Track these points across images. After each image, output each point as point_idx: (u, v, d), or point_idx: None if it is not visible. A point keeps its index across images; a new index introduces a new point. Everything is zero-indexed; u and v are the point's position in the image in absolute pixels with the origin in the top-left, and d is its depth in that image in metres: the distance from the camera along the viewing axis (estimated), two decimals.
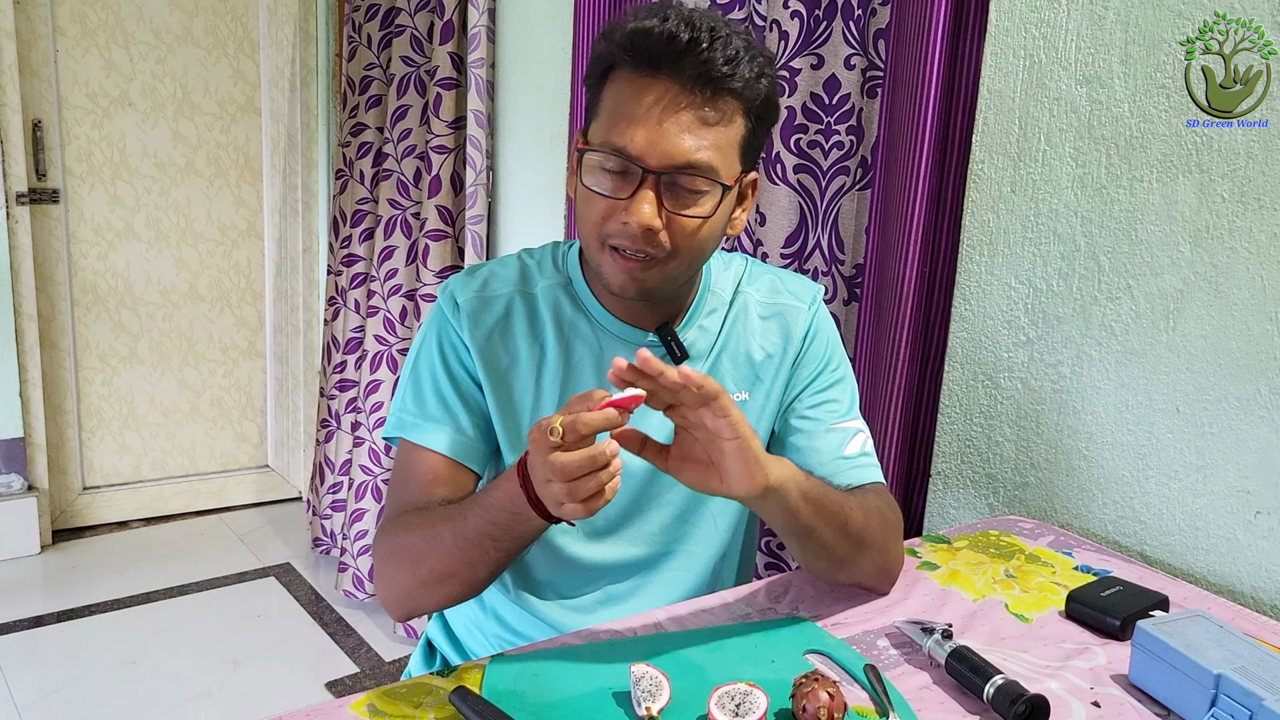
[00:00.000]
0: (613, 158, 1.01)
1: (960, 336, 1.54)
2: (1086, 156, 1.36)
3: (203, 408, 3.42)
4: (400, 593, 1.07)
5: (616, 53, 1.02)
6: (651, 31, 0.99)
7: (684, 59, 0.98)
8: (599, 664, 0.98)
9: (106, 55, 3.04)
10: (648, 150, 1.00)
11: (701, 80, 0.99)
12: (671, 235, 1.03)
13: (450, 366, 1.14)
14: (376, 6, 2.84)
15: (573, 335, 1.15)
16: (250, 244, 3.41)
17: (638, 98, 1.00)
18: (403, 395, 1.16)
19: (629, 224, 1.01)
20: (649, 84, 1.00)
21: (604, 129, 1.03)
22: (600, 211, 1.04)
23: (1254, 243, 1.20)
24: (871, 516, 1.10)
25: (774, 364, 1.20)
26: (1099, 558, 1.31)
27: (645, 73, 1.00)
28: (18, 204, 2.87)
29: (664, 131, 0.99)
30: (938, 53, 1.48)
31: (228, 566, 3.05)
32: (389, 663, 2.58)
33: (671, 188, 1.01)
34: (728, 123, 1.02)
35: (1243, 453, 1.23)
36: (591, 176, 1.04)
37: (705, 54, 0.98)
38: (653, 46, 0.99)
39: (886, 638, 1.06)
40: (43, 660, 2.54)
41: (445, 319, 1.15)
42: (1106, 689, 0.99)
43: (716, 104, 1.01)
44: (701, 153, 1.01)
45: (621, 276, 1.05)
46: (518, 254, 1.21)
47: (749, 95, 1.02)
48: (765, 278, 1.24)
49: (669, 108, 1.00)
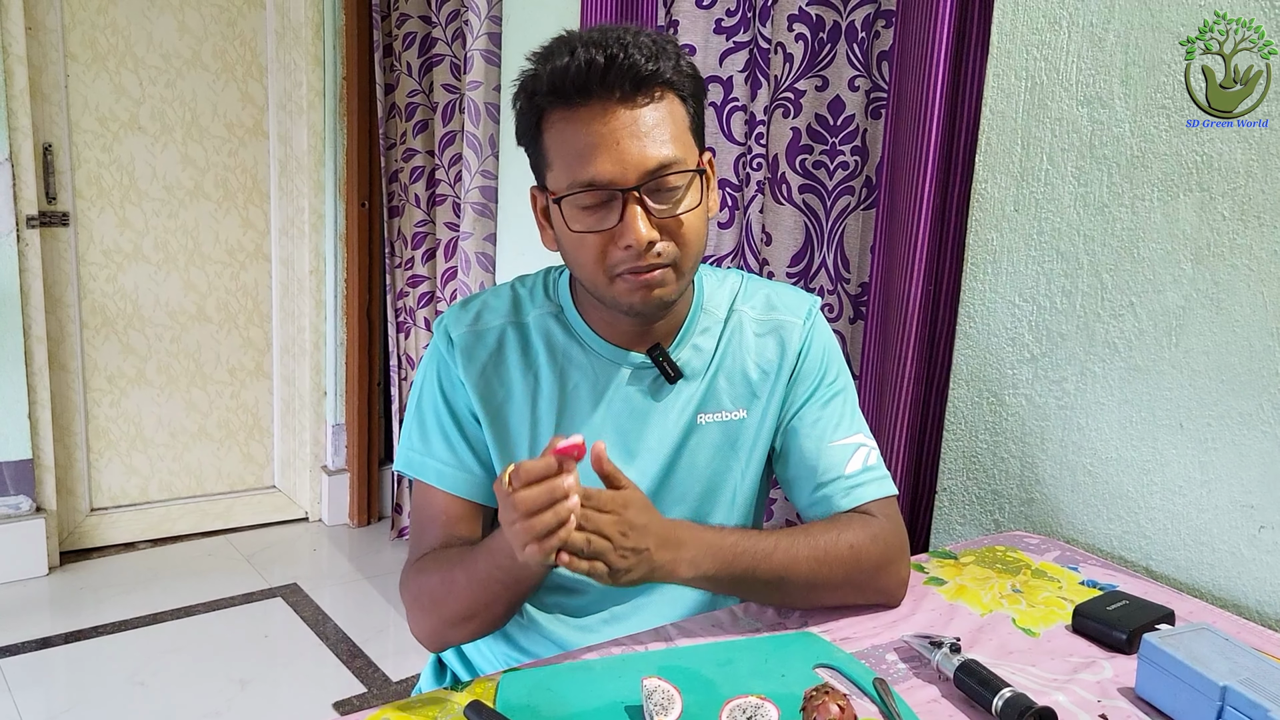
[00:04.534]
0: (588, 193, 1.03)
1: (965, 354, 1.55)
2: (1088, 175, 1.37)
3: (210, 429, 3.43)
4: (430, 631, 1.14)
5: (542, 101, 1.04)
6: (569, 68, 1.00)
7: (609, 76, 1.00)
8: (611, 678, 0.99)
9: (116, 80, 3.08)
10: (615, 170, 1.02)
11: (634, 86, 1.01)
12: (670, 237, 1.05)
13: (451, 404, 1.17)
14: (413, 35, 2.96)
15: (566, 363, 1.17)
16: (257, 266, 3.43)
17: (584, 130, 1.02)
18: (409, 432, 1.20)
19: (630, 246, 1.02)
20: (587, 113, 1.02)
21: (566, 173, 1.04)
22: (596, 249, 1.05)
23: (1254, 260, 1.21)
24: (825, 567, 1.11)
25: (770, 380, 1.20)
26: (1105, 572, 1.32)
27: (578, 105, 1.02)
28: (28, 227, 2.89)
29: (623, 148, 1.01)
30: (941, 74, 1.51)
31: (235, 587, 3.05)
32: (396, 682, 2.58)
33: (653, 194, 1.04)
34: (672, 114, 1.05)
35: (1246, 468, 1.24)
36: (575, 220, 1.05)
37: (626, 63, 1.00)
38: (576, 79, 1.00)
39: (895, 652, 1.07)
40: (51, 681, 2.54)
41: (442, 356, 1.17)
42: (1113, 702, 0.99)
43: (654, 102, 1.03)
44: (664, 149, 1.03)
45: (638, 294, 1.06)
46: (511, 283, 1.22)
47: (678, 81, 1.05)
48: (760, 293, 1.24)
49: (612, 122, 1.01)
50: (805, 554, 1.10)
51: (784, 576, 1.09)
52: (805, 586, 1.11)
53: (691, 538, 1.06)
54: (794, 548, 1.10)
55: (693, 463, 1.19)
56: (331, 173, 3.33)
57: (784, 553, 1.09)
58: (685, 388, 1.18)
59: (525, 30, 2.45)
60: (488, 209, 2.67)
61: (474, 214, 2.67)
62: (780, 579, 1.10)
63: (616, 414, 1.16)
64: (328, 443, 3.52)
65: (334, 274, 3.40)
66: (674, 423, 1.17)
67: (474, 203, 2.66)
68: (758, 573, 1.08)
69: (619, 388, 1.16)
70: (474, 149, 2.62)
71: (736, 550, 1.08)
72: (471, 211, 2.67)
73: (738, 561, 1.07)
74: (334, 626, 2.85)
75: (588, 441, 1.14)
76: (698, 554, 1.05)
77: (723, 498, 1.21)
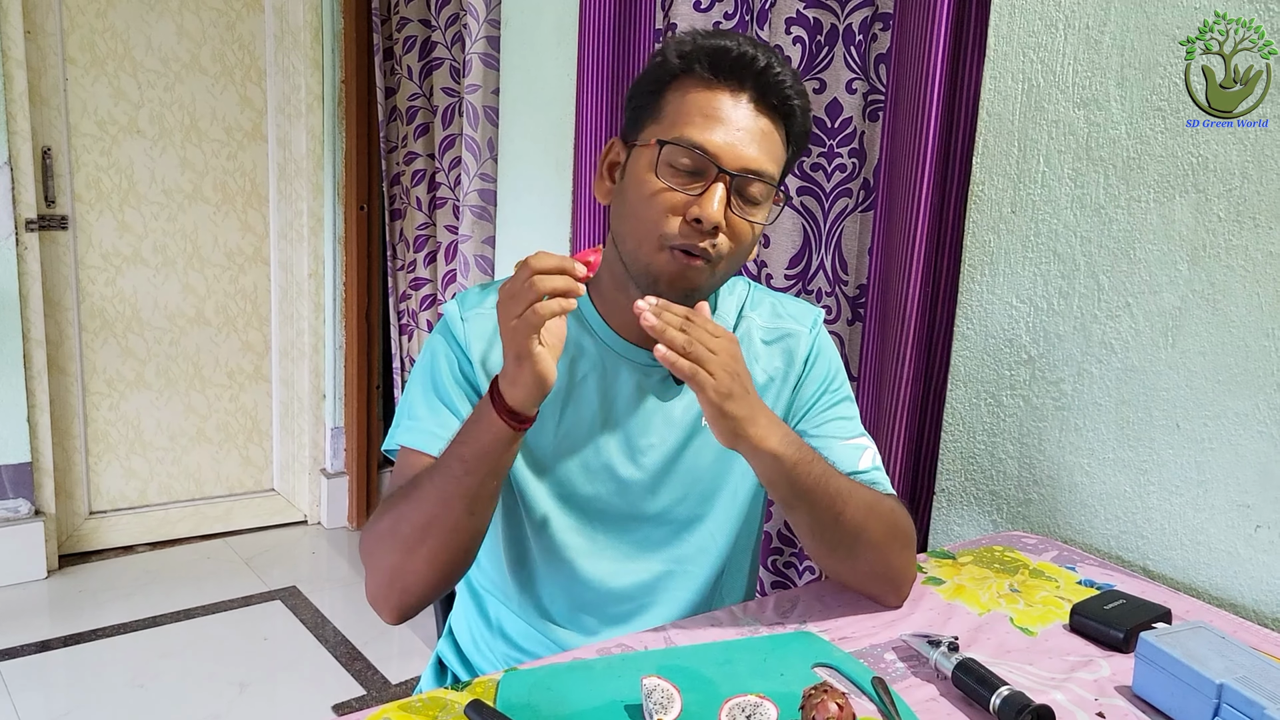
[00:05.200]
0: (689, 154, 1.05)
1: (963, 355, 1.55)
2: (1085, 177, 1.38)
3: (209, 432, 3.43)
4: (386, 576, 1.06)
5: (688, 64, 1.07)
6: (730, 50, 1.05)
7: (761, 78, 1.06)
8: (611, 677, 0.99)
9: (115, 83, 3.08)
10: (724, 150, 1.05)
11: (772, 98, 1.06)
12: (730, 235, 1.07)
13: (451, 374, 1.16)
14: (413, 38, 2.97)
15: (577, 353, 1.17)
16: (256, 269, 3.43)
17: (717, 102, 1.06)
18: (401, 409, 1.19)
19: (701, 218, 1.04)
20: (724, 93, 1.06)
21: (679, 127, 1.06)
22: (663, 209, 1.06)
23: (1250, 261, 1.22)
24: (874, 518, 1.11)
25: (776, 387, 1.22)
26: (1102, 572, 1.32)
27: (721, 83, 1.06)
28: (27, 230, 2.89)
29: (739, 136, 1.05)
30: (938, 77, 1.51)
31: (234, 590, 3.05)
32: (395, 685, 2.58)
33: (738, 191, 1.06)
34: (782, 142, 1.09)
35: (1242, 467, 1.25)
36: (665, 169, 1.06)
37: (778, 76, 1.06)
38: (733, 63, 1.05)
39: (893, 651, 1.08)
40: (50, 685, 2.54)
41: (449, 331, 1.18)
42: (1111, 700, 1.00)
43: (776, 123, 1.08)
44: (767, 163, 1.07)
45: (676, 270, 1.07)
46: None
47: (801, 121, 1.10)
48: (766, 303, 1.26)
49: (744, 115, 1.06)
50: (862, 496, 1.11)
51: (843, 506, 1.09)
52: (853, 527, 1.10)
53: (779, 419, 1.07)
54: (854, 488, 1.11)
55: (695, 463, 1.19)
56: (330, 176, 3.34)
57: (848, 485, 1.10)
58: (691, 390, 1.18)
59: (523, 34, 2.46)
60: (486, 212, 2.67)
61: (472, 217, 2.67)
62: (839, 507, 1.08)
63: (621, 409, 1.17)
64: (327, 446, 3.53)
65: (333, 277, 3.41)
66: (678, 423, 1.18)
67: (472, 206, 2.66)
68: (826, 488, 1.07)
69: (626, 383, 1.17)
70: (472, 152, 2.63)
71: (815, 456, 1.08)
72: (470, 214, 2.67)
73: (814, 465, 1.07)
74: (333, 629, 2.86)
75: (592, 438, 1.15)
76: (787, 434, 1.05)
77: (722, 498, 1.22)
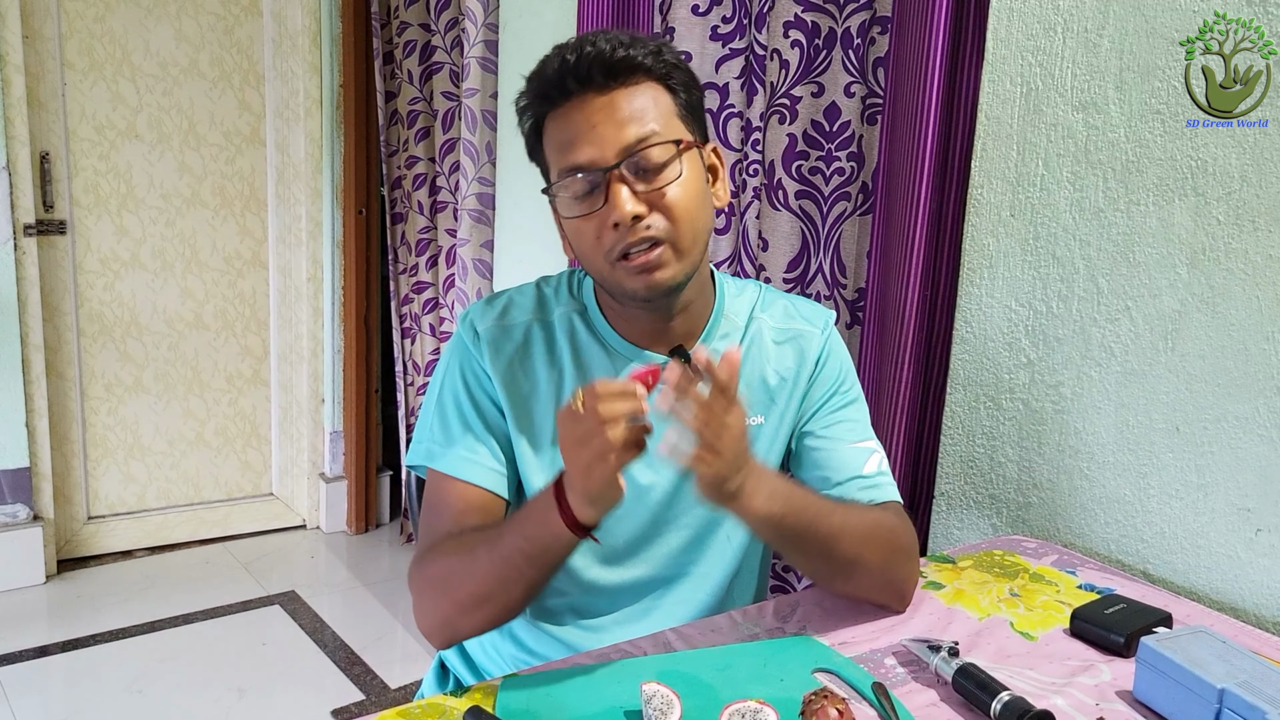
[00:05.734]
0: (574, 181, 1.06)
1: (962, 359, 1.55)
2: (1084, 181, 1.38)
3: (207, 436, 3.43)
4: (439, 620, 1.09)
5: (535, 111, 1.09)
6: (547, 71, 1.06)
7: (580, 69, 1.05)
8: (611, 683, 0.99)
9: (114, 88, 3.08)
10: (595, 153, 1.05)
11: (605, 74, 1.05)
12: (660, 211, 1.06)
13: (474, 395, 1.16)
14: (414, 43, 2.98)
15: (590, 361, 1.17)
16: (255, 273, 3.43)
17: (565, 122, 1.07)
18: (428, 425, 1.18)
19: (618, 222, 1.04)
20: (568, 107, 1.06)
21: (555, 167, 1.08)
22: (592, 234, 1.07)
23: (1250, 264, 1.22)
24: (870, 545, 1.12)
25: (788, 388, 1.22)
26: (1102, 576, 1.32)
27: (560, 103, 1.07)
28: (25, 235, 2.89)
29: (599, 130, 1.05)
30: (936, 80, 1.51)
31: (233, 595, 3.05)
32: (394, 690, 2.58)
33: (636, 171, 1.05)
34: (654, 99, 1.07)
35: (1242, 471, 1.24)
36: (568, 209, 1.08)
37: (593, 53, 1.04)
38: (555, 78, 1.06)
39: (893, 656, 1.07)
40: (48, 690, 2.53)
41: (466, 348, 1.17)
42: (1112, 705, 1.00)
43: (630, 87, 1.06)
44: (640, 127, 1.05)
45: (639, 277, 1.07)
46: (535, 282, 1.23)
47: (656, 67, 1.08)
48: (779, 304, 1.26)
49: (592, 111, 1.05)
50: (856, 524, 1.11)
51: (836, 540, 1.09)
52: (849, 559, 1.11)
53: (768, 472, 1.05)
54: (848, 516, 1.11)
55: None
56: (329, 180, 3.33)
57: (840, 517, 1.10)
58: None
59: (522, 38, 2.46)
60: (484, 216, 2.67)
61: (471, 220, 2.67)
62: (832, 545, 1.09)
63: None
64: (325, 450, 3.52)
65: (331, 281, 3.41)
66: None
67: (471, 209, 2.66)
68: (816, 528, 1.07)
69: None
70: (470, 156, 2.63)
71: (805, 500, 1.07)
72: (469, 218, 2.67)
73: (804, 511, 1.06)
74: (332, 634, 2.85)
75: None
76: (775, 488, 1.04)
77: None
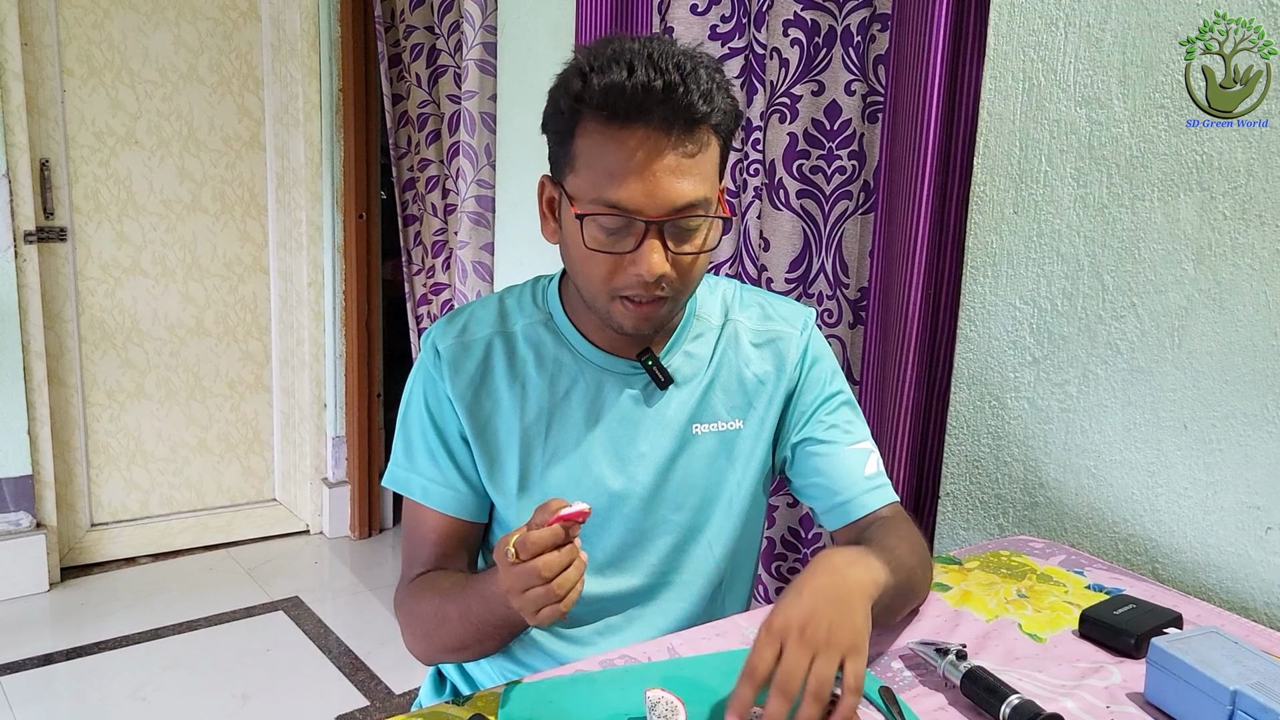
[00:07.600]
0: (611, 215, 1.01)
1: (966, 358, 1.54)
2: (1087, 177, 1.37)
3: (209, 442, 3.42)
4: (423, 654, 1.18)
5: (586, 109, 1.00)
6: (624, 86, 0.96)
7: (663, 106, 0.97)
8: (615, 690, 0.98)
9: (113, 94, 3.07)
10: (645, 202, 0.99)
11: (685, 127, 0.99)
12: (679, 272, 1.04)
13: (438, 421, 1.16)
14: (420, 46, 2.98)
15: (556, 370, 1.16)
16: (256, 278, 3.42)
17: (620, 150, 0.99)
18: (397, 448, 1.20)
19: (641, 275, 1.01)
20: (628, 134, 0.98)
21: (593, 187, 1.01)
22: (606, 268, 1.04)
23: (1256, 259, 1.21)
24: (920, 567, 1.12)
25: (767, 390, 1.21)
26: (1111, 576, 1.31)
27: (620, 123, 0.98)
28: (26, 242, 2.89)
29: (657, 180, 0.99)
30: (937, 77, 1.50)
31: (236, 601, 3.04)
32: (399, 695, 2.57)
33: (673, 231, 1.02)
34: (706, 150, 1.02)
35: (1252, 468, 1.23)
36: (591, 236, 1.03)
37: (683, 98, 0.97)
38: (631, 101, 0.97)
39: (901, 659, 1.06)
40: (52, 698, 2.53)
41: (429, 371, 1.16)
42: (1123, 707, 0.98)
43: (695, 138, 1.00)
44: (695, 190, 1.01)
45: (635, 320, 1.07)
46: (499, 294, 1.22)
47: (723, 123, 1.03)
48: (755, 305, 1.24)
49: (654, 154, 0.98)
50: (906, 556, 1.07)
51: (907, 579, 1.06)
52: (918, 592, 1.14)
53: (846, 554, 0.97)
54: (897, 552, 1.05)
55: (688, 472, 1.18)
56: (329, 185, 3.33)
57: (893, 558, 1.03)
58: (678, 394, 1.17)
59: (520, 40, 2.45)
60: (484, 218, 2.66)
61: (470, 223, 2.66)
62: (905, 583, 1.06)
63: (608, 420, 1.16)
64: (328, 455, 3.52)
65: (332, 286, 3.40)
66: (668, 430, 1.17)
67: (470, 212, 2.65)
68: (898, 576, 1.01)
69: (610, 394, 1.16)
70: (470, 159, 2.62)
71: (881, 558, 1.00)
72: (467, 221, 2.66)
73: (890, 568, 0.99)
74: (336, 639, 2.84)
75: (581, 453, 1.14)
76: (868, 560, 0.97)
77: (719, 506, 1.20)
